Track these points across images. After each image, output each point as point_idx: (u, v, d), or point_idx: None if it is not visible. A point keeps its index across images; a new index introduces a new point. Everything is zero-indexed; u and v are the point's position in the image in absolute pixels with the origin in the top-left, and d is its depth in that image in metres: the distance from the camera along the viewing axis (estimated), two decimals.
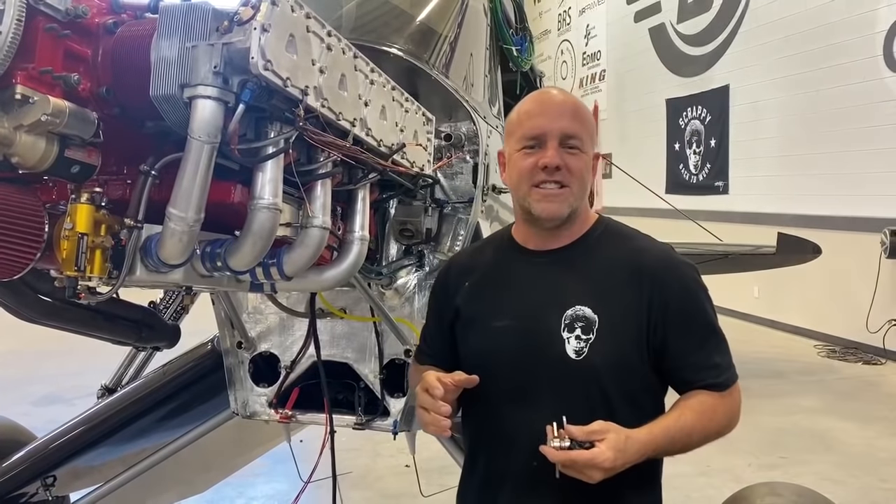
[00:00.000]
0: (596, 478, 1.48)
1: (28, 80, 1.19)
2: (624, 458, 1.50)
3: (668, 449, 1.61)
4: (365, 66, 1.63)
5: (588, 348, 1.63)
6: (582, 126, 1.69)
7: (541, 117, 1.68)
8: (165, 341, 2.54)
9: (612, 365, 1.64)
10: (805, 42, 8.92)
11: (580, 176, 1.68)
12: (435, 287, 1.95)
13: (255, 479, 4.77)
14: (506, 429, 1.67)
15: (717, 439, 1.70)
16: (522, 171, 1.68)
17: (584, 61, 15.26)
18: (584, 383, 1.63)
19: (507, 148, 1.77)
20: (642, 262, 1.69)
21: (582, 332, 1.63)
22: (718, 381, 1.67)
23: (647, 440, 1.56)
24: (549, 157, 1.64)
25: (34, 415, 5.58)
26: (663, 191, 11.00)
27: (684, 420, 1.62)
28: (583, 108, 1.74)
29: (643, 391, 1.69)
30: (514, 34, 3.68)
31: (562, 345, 1.64)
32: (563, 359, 1.63)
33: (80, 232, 1.26)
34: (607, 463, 1.47)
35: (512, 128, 1.74)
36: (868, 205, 8.07)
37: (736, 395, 1.71)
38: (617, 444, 1.49)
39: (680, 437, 1.61)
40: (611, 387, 1.64)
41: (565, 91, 1.87)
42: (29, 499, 2.91)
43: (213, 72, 1.20)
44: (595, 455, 1.47)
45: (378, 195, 2.04)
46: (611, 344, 1.63)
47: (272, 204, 1.34)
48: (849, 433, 5.67)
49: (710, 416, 1.65)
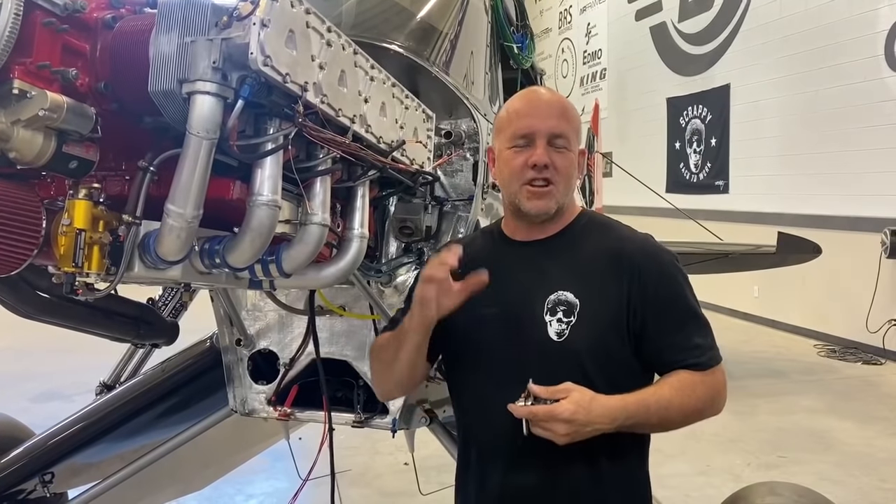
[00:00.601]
0: (560, 431, 1.54)
1: (26, 75, 1.18)
2: (587, 416, 1.55)
3: (644, 419, 1.63)
4: (365, 62, 1.62)
5: (569, 330, 1.68)
6: (569, 125, 1.76)
7: (530, 117, 1.74)
8: (164, 338, 2.53)
9: (593, 347, 1.68)
10: (806, 41, 8.91)
11: (566, 174, 1.75)
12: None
13: (254, 476, 4.77)
14: (493, 413, 1.69)
15: (699, 419, 1.72)
16: (513, 170, 1.74)
17: (585, 60, 15.26)
18: (566, 365, 1.67)
19: (497, 144, 1.83)
20: (623, 250, 1.76)
21: (563, 315, 1.69)
22: (700, 361, 1.70)
23: (618, 405, 1.60)
24: (538, 156, 1.70)
25: (33, 411, 5.57)
26: (664, 190, 11.00)
27: (661, 393, 1.66)
28: (569, 107, 1.81)
29: (625, 375, 1.72)
30: (514, 31, 3.67)
31: (544, 327, 1.69)
32: (546, 341, 1.69)
33: (77, 228, 1.25)
34: (565, 414, 1.53)
35: (501, 125, 1.81)
36: (868, 204, 8.06)
37: (719, 375, 1.73)
38: (580, 400, 1.56)
39: (656, 410, 1.63)
40: (592, 369, 1.68)
41: (552, 90, 1.96)
42: (27, 495, 2.91)
43: (212, 67, 1.20)
44: (553, 407, 1.54)
45: (378, 192, 2.04)
46: (591, 327, 1.69)
47: (271, 200, 1.33)
48: (848, 433, 5.67)
49: (688, 393, 1.67)
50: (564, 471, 1.68)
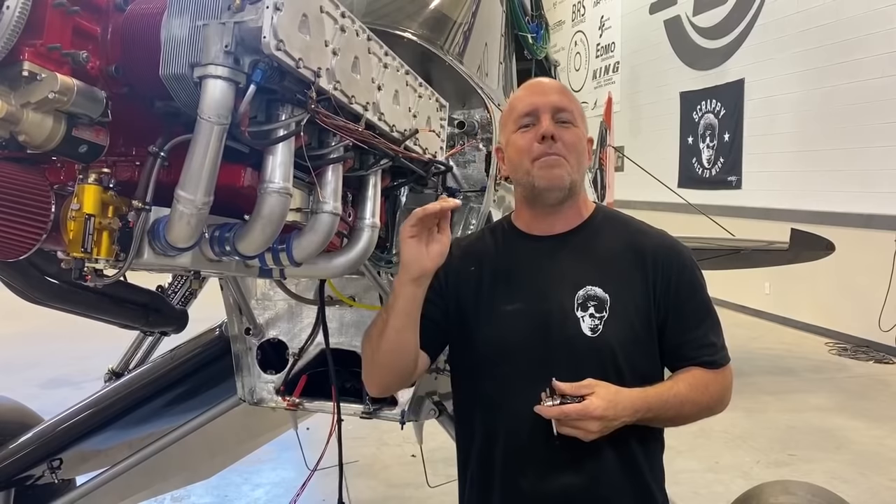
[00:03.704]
0: (592, 429, 1.55)
1: (36, 57, 1.16)
2: (615, 411, 1.57)
3: (661, 413, 1.66)
4: (379, 49, 1.59)
5: (603, 325, 1.68)
6: (571, 102, 1.78)
7: (531, 96, 1.78)
8: (173, 326, 2.53)
9: (626, 341, 1.69)
10: (822, 36, 8.83)
11: (575, 149, 1.74)
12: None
13: (262, 465, 4.79)
14: (523, 413, 1.66)
15: (708, 416, 1.76)
16: (521, 149, 1.75)
17: (598, 53, 15.17)
18: (599, 360, 1.67)
19: (503, 137, 1.84)
20: (644, 245, 1.76)
21: (595, 311, 1.69)
22: (713, 360, 1.74)
23: (640, 396, 1.62)
24: (544, 127, 1.71)
25: (42, 397, 5.62)
26: (676, 185, 10.94)
27: (678, 388, 1.68)
28: (570, 92, 1.84)
29: (652, 368, 1.74)
30: (529, 21, 3.64)
31: (577, 323, 1.69)
32: (580, 337, 1.68)
33: (87, 213, 1.23)
34: (598, 411, 1.54)
35: (506, 116, 1.84)
36: (883, 202, 7.99)
37: (728, 374, 1.77)
38: (607, 395, 1.57)
39: (673, 404, 1.66)
40: (625, 363, 1.69)
41: (551, 78, 2.00)
42: (35, 481, 2.93)
43: (224, 51, 1.17)
44: (585, 405, 1.55)
45: (389, 182, 2.01)
46: (623, 321, 1.69)
47: (282, 188, 1.31)
48: (859, 432, 5.63)
49: (702, 390, 1.70)
50: (602, 466, 1.68)
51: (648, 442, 1.76)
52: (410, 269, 1.62)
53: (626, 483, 1.71)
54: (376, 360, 1.74)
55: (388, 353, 1.71)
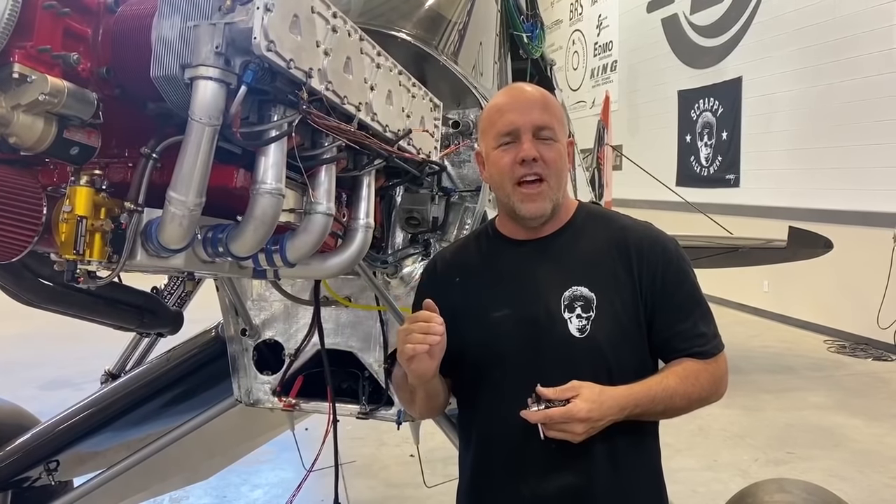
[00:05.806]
0: (577, 430, 1.56)
1: (26, 59, 1.16)
2: (600, 411, 1.57)
3: (650, 407, 1.65)
4: (371, 49, 1.59)
5: (590, 325, 1.68)
6: (552, 116, 1.75)
7: (512, 112, 1.73)
8: (168, 327, 2.52)
9: (615, 339, 1.69)
10: (819, 34, 8.83)
11: (556, 167, 1.73)
12: (421, 285, 1.95)
13: (260, 466, 4.79)
14: (517, 415, 1.64)
15: (702, 406, 1.74)
16: (503, 169, 1.73)
17: (596, 52, 15.17)
18: (590, 360, 1.68)
19: (484, 146, 1.82)
20: (627, 239, 1.76)
21: (582, 311, 1.69)
22: (704, 350, 1.73)
23: (625, 394, 1.62)
24: (525, 150, 1.69)
25: (42, 398, 5.61)
26: (674, 183, 10.95)
27: (667, 381, 1.67)
28: (551, 99, 1.80)
29: (641, 362, 1.74)
30: (524, 21, 3.64)
31: (564, 325, 1.69)
32: (568, 338, 1.68)
33: (79, 215, 1.23)
34: (581, 413, 1.55)
35: (485, 126, 1.80)
36: (881, 199, 7.99)
37: (722, 363, 1.76)
38: (591, 396, 1.58)
39: (662, 397, 1.65)
40: (614, 362, 1.69)
41: (532, 84, 1.96)
42: (32, 483, 2.92)
43: (215, 52, 1.17)
44: (569, 408, 1.55)
45: (384, 182, 2.01)
46: (611, 319, 1.69)
47: (275, 189, 1.31)
48: (857, 430, 5.63)
49: (692, 381, 1.69)
50: (596, 465, 1.68)
51: (642, 439, 1.76)
52: (423, 377, 1.69)
53: (622, 481, 1.71)
54: (414, 411, 1.95)
55: (422, 405, 1.85)
